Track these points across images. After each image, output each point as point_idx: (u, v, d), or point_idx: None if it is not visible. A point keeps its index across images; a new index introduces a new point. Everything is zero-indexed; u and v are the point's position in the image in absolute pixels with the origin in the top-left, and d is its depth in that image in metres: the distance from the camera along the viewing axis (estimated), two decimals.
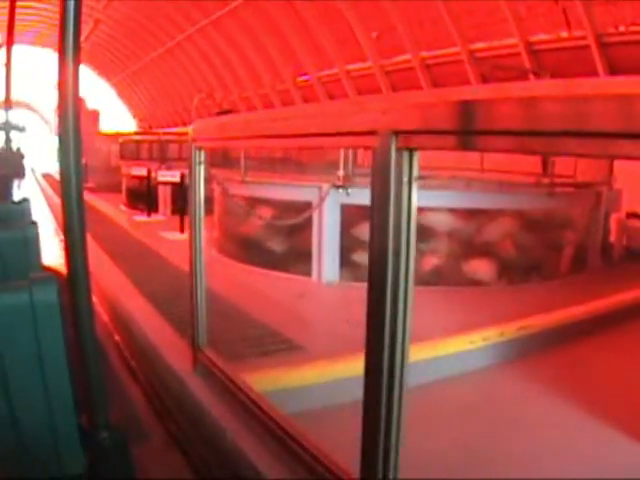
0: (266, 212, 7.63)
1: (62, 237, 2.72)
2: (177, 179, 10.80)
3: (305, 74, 24.90)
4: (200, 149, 3.72)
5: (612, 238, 9.19)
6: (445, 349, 4.75)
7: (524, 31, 15.65)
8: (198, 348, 3.86)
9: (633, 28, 13.50)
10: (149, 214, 12.77)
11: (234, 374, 3.40)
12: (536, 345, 4.97)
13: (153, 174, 12.75)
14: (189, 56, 32.61)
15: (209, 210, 11.23)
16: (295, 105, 26.04)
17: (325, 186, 6.86)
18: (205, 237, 4.36)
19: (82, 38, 2.76)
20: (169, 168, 12.82)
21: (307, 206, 7.04)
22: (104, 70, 47.94)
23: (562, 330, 5.20)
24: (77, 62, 2.58)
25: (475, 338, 4.86)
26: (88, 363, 2.67)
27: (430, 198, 6.75)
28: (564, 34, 14.90)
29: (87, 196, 15.75)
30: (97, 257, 8.28)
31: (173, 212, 13.24)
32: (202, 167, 3.71)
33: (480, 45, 17.16)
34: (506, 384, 4.46)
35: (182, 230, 10.62)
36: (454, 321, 5.32)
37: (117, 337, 5.52)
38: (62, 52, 2.55)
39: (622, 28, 13.85)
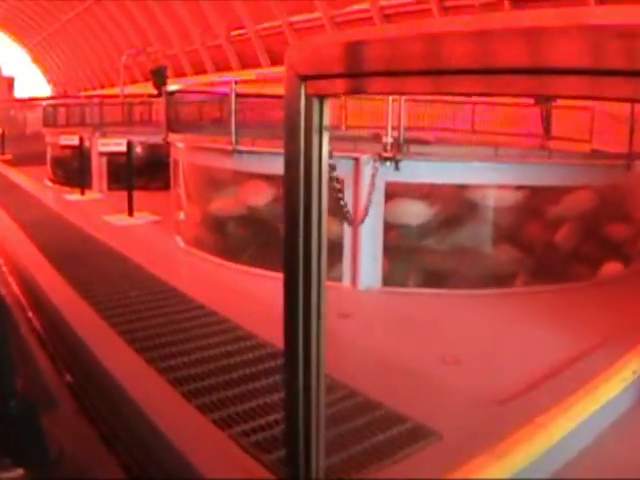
0: (268, 194, 5.66)
1: None
2: (123, 148, 8.58)
3: (241, 27, 22.47)
4: (319, 97, 1.73)
5: None
6: (595, 400, 3.19)
7: None
8: None
9: None
10: (82, 191, 10.46)
11: None
12: None
13: (87, 143, 10.42)
14: (110, 14, 29.35)
15: (162, 181, 9.35)
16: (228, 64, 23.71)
17: (364, 158, 4.95)
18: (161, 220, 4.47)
19: None
20: (104, 135, 10.53)
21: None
22: (19, 35, 43.85)
23: None
24: None
25: (625, 372, 3.42)
26: None
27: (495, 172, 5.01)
28: None
29: (2, 169, 13.45)
30: (27, 255, 6.13)
31: (110, 188, 11.11)
32: (326, 135, 1.75)
33: None
34: None
35: (131, 212, 8.47)
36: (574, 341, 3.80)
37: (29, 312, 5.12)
38: None
39: None
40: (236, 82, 5.45)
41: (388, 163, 4.85)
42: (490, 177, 5.08)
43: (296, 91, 1.70)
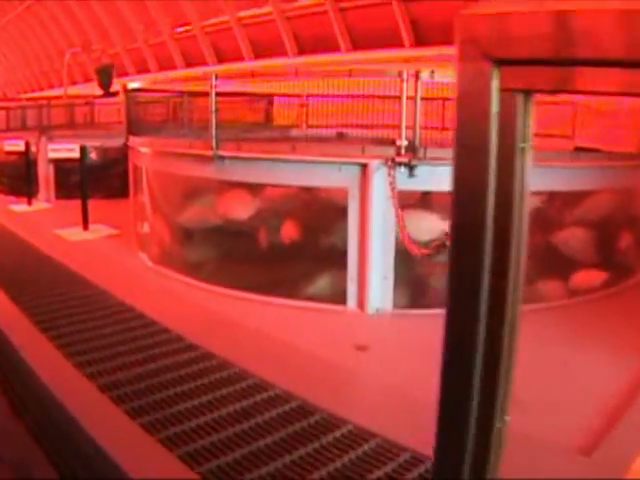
0: (252, 206, 4.96)
1: None
2: (76, 154, 7.73)
3: (186, 24, 21.49)
4: (524, 93, 1.03)
5: None
6: None
7: None
8: None
9: None
10: (30, 201, 9.50)
11: None
12: None
13: (33, 148, 9.47)
14: (51, 12, 27.74)
15: (116, 189, 8.48)
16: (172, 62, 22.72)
17: (374, 163, 4.29)
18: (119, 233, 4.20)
19: None
20: (51, 139, 9.59)
21: (338, 195, 4.48)
22: None
23: None
24: None
25: None
26: None
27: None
28: None
29: None
30: None
31: (58, 197, 10.11)
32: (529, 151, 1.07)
33: None
34: None
35: (86, 225, 7.60)
36: None
37: None
38: None
39: None
40: (217, 76, 4.70)
41: (403, 169, 4.21)
42: None
43: (483, 82, 1.04)
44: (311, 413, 2.95)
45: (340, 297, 4.58)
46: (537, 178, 3.55)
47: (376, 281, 4.47)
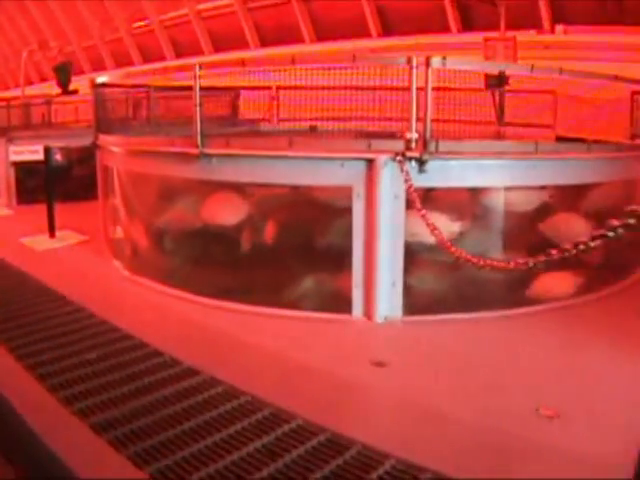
0: (242, 210, 4.54)
1: None
2: (40, 156, 7.19)
3: (143, 18, 20.81)
4: None
5: None
6: None
7: None
8: None
9: None
10: None
11: None
12: None
13: None
14: (7, 12, 26.63)
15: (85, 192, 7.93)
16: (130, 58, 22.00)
17: (381, 158, 3.91)
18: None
19: None
20: (11, 141, 8.98)
21: (341, 195, 4.09)
22: None
23: None
24: None
25: None
26: None
27: None
28: None
29: None
30: None
31: (19, 201, 9.40)
32: None
33: None
34: None
35: (53, 233, 7.05)
36: None
37: None
38: None
39: None
40: (201, 66, 4.24)
41: (414, 164, 3.84)
42: (537, 177, 4.20)
43: None
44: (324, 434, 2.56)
45: (344, 305, 4.20)
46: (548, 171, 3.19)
47: (384, 287, 4.09)
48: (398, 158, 3.78)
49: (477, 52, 11.30)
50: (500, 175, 4.20)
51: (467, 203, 4.32)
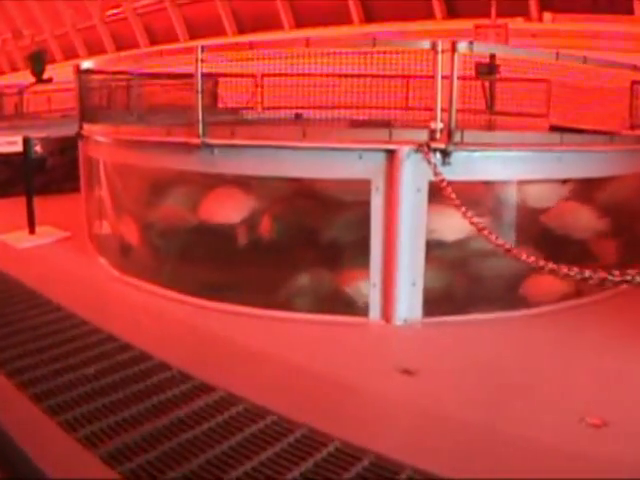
0: (245, 206, 4.21)
1: None
2: (18, 147, 6.74)
3: (117, 6, 20.22)
4: None
5: None
6: None
7: None
8: None
9: None
10: None
11: None
12: None
13: None
14: None
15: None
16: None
17: (404, 150, 3.61)
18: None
19: None
20: None
21: (357, 189, 3.79)
22: None
23: None
24: None
25: None
26: None
27: None
28: None
29: None
30: None
31: None
32: None
33: None
34: None
35: (32, 229, 6.62)
36: None
37: None
38: None
39: None
40: (203, 48, 3.89)
41: (438, 155, 3.55)
42: (561, 169, 3.94)
43: None
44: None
45: (360, 307, 3.90)
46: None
47: (404, 287, 3.81)
48: (423, 149, 3.48)
49: (465, 40, 11.08)
50: (525, 167, 3.93)
51: (490, 197, 4.04)
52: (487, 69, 8.69)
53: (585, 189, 4.39)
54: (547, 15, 11.88)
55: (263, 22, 16.33)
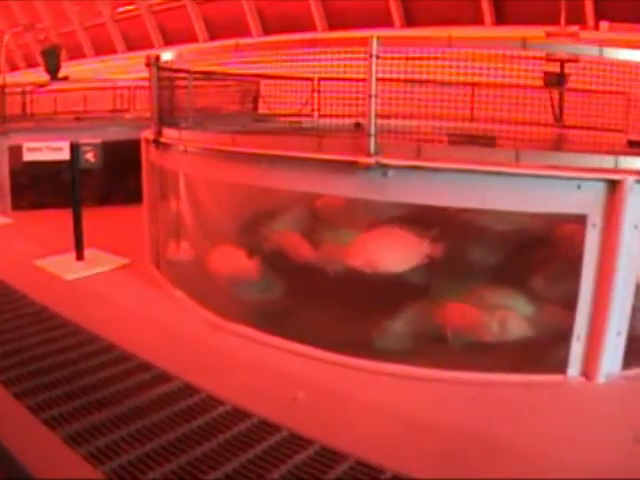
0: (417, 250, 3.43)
1: None
2: (65, 155, 5.94)
3: (130, 3, 19.38)
4: None
5: None
6: None
7: None
8: None
9: None
10: None
11: None
12: None
13: None
14: None
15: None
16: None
17: (629, 180, 2.90)
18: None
19: None
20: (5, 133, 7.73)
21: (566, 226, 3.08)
22: None
23: None
24: None
25: None
26: None
27: None
28: None
29: None
30: None
31: (15, 207, 7.97)
32: None
33: None
34: None
35: (81, 253, 5.56)
36: None
37: None
38: None
39: None
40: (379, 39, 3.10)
41: None
42: None
43: None
44: None
45: (555, 363, 3.19)
46: None
47: (611, 339, 3.11)
48: None
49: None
50: None
51: None
52: (556, 79, 8.03)
53: None
54: (604, 24, 11.30)
55: (291, 23, 15.62)
